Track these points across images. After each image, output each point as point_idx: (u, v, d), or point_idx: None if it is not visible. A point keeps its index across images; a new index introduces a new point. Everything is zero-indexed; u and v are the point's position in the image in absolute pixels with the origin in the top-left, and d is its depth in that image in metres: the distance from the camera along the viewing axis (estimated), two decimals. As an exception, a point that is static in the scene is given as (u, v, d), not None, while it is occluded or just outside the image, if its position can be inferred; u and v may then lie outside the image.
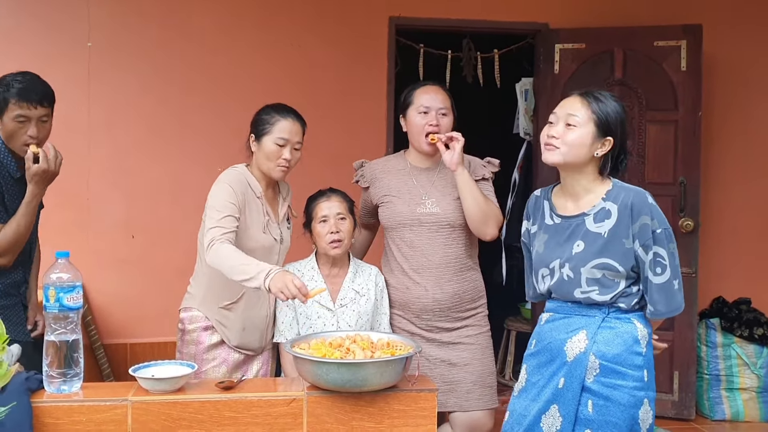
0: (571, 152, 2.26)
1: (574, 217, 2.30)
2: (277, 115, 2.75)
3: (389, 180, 2.99)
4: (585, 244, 2.25)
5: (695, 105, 4.40)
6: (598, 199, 2.28)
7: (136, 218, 4.29)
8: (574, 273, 2.25)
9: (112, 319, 4.28)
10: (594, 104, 2.27)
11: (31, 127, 2.60)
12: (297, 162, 2.80)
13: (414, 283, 2.89)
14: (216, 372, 2.76)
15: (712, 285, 4.62)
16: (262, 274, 2.38)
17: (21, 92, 2.58)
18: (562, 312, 2.32)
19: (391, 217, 2.94)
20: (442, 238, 2.89)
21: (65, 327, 2.13)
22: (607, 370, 2.19)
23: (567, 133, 2.26)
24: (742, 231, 4.79)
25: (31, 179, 2.56)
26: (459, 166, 2.80)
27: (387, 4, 4.52)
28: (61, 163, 2.62)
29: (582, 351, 2.21)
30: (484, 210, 2.82)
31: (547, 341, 2.31)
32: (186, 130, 4.33)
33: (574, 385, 2.20)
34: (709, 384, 4.45)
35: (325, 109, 4.44)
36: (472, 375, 2.91)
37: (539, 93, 4.67)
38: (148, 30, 4.28)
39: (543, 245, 2.35)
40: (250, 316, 2.78)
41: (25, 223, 2.59)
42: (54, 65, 4.16)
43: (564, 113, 2.28)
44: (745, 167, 4.78)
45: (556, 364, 2.26)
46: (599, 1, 4.65)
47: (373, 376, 2.14)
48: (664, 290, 2.21)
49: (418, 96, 2.93)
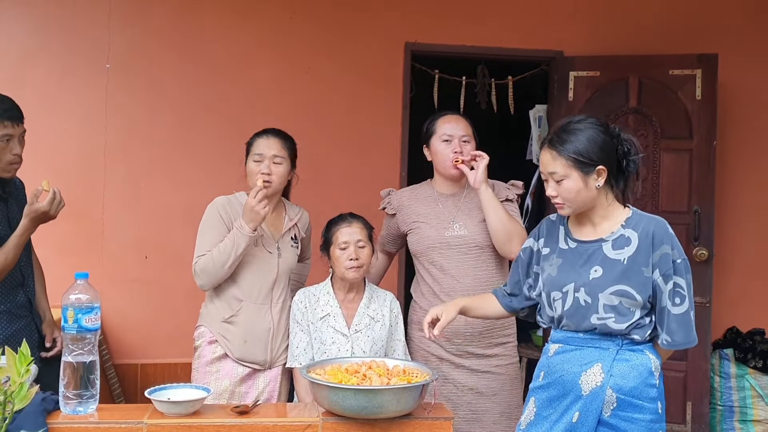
0: (576, 202, 2.26)
1: (591, 243, 2.29)
2: (255, 136, 2.96)
3: (417, 207, 3.03)
4: (603, 270, 2.23)
5: (710, 134, 4.40)
6: (617, 226, 2.27)
7: (150, 239, 4.31)
8: (591, 298, 2.22)
9: (124, 340, 4.28)
10: (562, 150, 2.22)
11: (15, 145, 2.63)
12: (282, 177, 2.88)
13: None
14: (219, 385, 2.82)
15: (726, 315, 4.59)
16: (235, 230, 2.73)
17: (4, 112, 2.59)
18: (573, 344, 2.28)
19: (420, 241, 2.97)
20: (472, 260, 2.91)
21: (83, 348, 2.13)
22: (625, 403, 2.17)
23: (560, 189, 2.25)
24: (756, 261, 4.76)
25: (29, 215, 2.57)
26: (483, 183, 2.83)
27: (403, 30, 4.55)
28: (61, 209, 2.63)
29: (598, 385, 2.19)
30: (508, 228, 2.83)
31: (559, 374, 2.27)
32: (200, 154, 4.35)
33: (590, 419, 2.18)
34: (723, 415, 4.40)
35: (339, 134, 4.47)
36: (500, 406, 2.90)
37: (553, 120, 4.67)
38: (166, 55, 4.32)
39: (556, 269, 2.33)
40: (251, 329, 2.84)
41: (14, 255, 2.60)
42: (73, 86, 4.23)
43: (546, 172, 2.27)
44: (759, 197, 4.76)
45: (569, 399, 2.23)
46: (614, 29, 4.67)
47: (390, 402, 2.13)
48: (683, 321, 2.20)
49: (440, 125, 2.99)
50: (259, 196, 2.73)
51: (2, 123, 2.58)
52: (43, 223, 2.63)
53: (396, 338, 2.91)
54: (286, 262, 2.93)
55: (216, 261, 2.77)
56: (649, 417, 2.17)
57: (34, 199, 2.56)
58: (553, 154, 2.23)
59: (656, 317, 2.23)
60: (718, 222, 4.54)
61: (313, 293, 2.87)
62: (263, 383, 2.87)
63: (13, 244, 2.59)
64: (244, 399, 2.82)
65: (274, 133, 2.94)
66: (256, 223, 2.75)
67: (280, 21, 4.43)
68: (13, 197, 2.77)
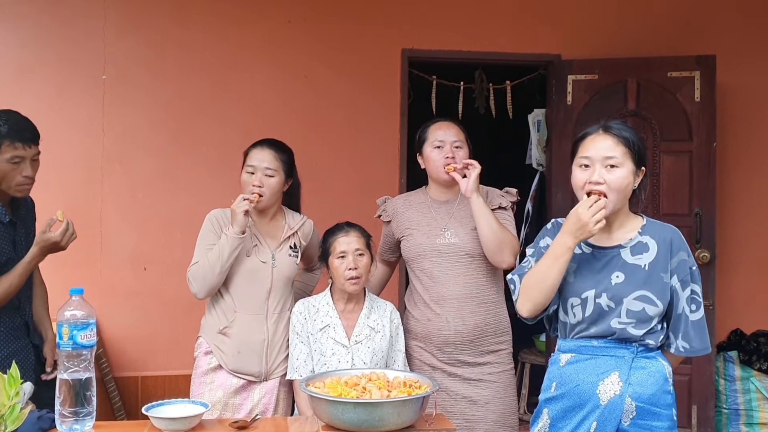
0: (619, 194, 2.21)
1: (610, 249, 2.26)
2: (250, 148, 2.97)
3: (410, 214, 3.02)
4: (625, 276, 2.21)
5: (709, 135, 4.39)
6: (634, 233, 2.26)
7: (148, 251, 4.29)
8: (615, 303, 2.19)
9: (124, 352, 4.26)
10: (625, 138, 2.22)
11: (26, 167, 2.60)
12: (273, 189, 2.89)
13: (435, 314, 2.88)
14: (212, 395, 2.81)
15: (729, 317, 4.57)
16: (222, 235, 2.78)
17: (13, 133, 2.56)
18: (588, 353, 2.25)
19: (412, 248, 2.96)
20: (462, 268, 2.89)
21: (78, 365, 2.10)
22: (644, 411, 2.15)
23: (610, 176, 2.19)
24: (758, 262, 4.74)
25: (39, 244, 2.56)
26: (474, 192, 2.81)
27: (400, 36, 4.54)
28: (72, 241, 2.63)
29: (617, 394, 2.16)
30: (499, 237, 2.81)
31: (574, 384, 2.23)
32: (198, 164, 4.34)
33: (608, 429, 2.15)
34: (729, 418, 4.37)
35: (337, 141, 4.46)
36: (494, 414, 2.87)
37: (552, 124, 4.66)
38: (162, 65, 4.32)
39: (573, 274, 2.27)
40: (245, 340, 2.84)
41: (18, 282, 2.60)
42: (70, 98, 4.22)
43: (599, 156, 2.21)
44: (760, 198, 4.74)
45: (586, 409, 2.19)
46: (611, 32, 4.65)
47: (390, 415, 2.10)
48: (699, 327, 2.21)
49: (432, 132, 2.99)
50: (242, 202, 2.78)
51: (13, 145, 2.56)
52: (52, 253, 2.62)
53: (396, 349, 2.88)
54: (281, 271, 2.91)
55: (206, 267, 2.80)
56: (666, 424, 2.16)
57: (47, 228, 2.55)
58: (615, 140, 2.21)
59: (671, 324, 2.22)
60: (720, 224, 4.52)
61: (312, 304, 2.84)
62: (258, 395, 2.85)
63: (20, 272, 2.59)
64: (238, 411, 2.81)
65: (269, 144, 2.94)
66: (239, 225, 2.76)
67: (277, 29, 4.42)
68: (22, 219, 2.75)
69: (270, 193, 2.88)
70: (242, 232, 2.78)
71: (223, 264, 2.78)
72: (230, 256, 2.79)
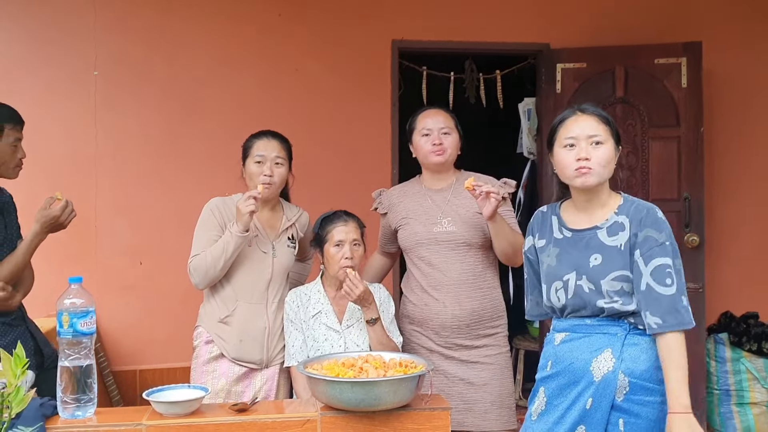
0: (605, 171, 2.29)
1: (587, 230, 2.31)
2: (253, 138, 2.97)
3: (406, 203, 3.06)
4: (603, 257, 2.25)
5: (697, 121, 4.44)
6: (611, 213, 2.30)
7: (144, 245, 4.31)
8: (594, 285, 2.24)
9: (121, 346, 4.28)
10: (605, 117, 2.32)
11: (21, 150, 2.70)
12: (283, 179, 2.93)
13: (433, 299, 2.93)
14: (215, 384, 2.84)
15: (719, 300, 4.62)
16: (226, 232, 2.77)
17: (13, 117, 2.67)
18: (581, 331, 2.29)
19: (409, 237, 3.00)
20: (459, 256, 2.93)
21: (79, 352, 2.14)
22: (637, 387, 2.19)
23: (596, 153, 2.27)
24: (747, 245, 4.79)
25: (40, 220, 2.60)
26: (494, 217, 2.79)
27: (389, 27, 4.56)
28: (72, 219, 2.68)
29: (610, 370, 2.20)
30: (515, 247, 2.87)
31: (568, 362, 2.27)
32: (191, 158, 4.36)
33: (603, 404, 2.19)
34: (720, 399, 4.43)
35: (329, 133, 4.48)
36: (491, 395, 2.92)
37: (542, 112, 4.70)
38: (153, 60, 4.33)
39: (555, 258, 2.34)
40: (247, 328, 2.87)
41: (24, 261, 2.65)
42: (61, 94, 4.23)
43: (584, 134, 2.28)
44: (748, 181, 4.79)
45: (581, 385, 2.23)
46: (599, 21, 4.69)
47: (387, 394, 2.14)
48: (671, 301, 2.15)
49: (420, 120, 3.05)
50: (249, 201, 2.75)
51: (15, 127, 2.66)
52: (53, 232, 2.66)
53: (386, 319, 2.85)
54: (281, 262, 2.95)
55: (208, 261, 2.81)
56: (660, 399, 2.18)
57: (46, 205, 2.61)
58: (597, 119, 2.31)
59: (639, 302, 2.19)
60: (709, 208, 4.57)
61: (304, 292, 2.88)
62: (260, 382, 2.89)
63: (23, 251, 2.64)
64: (240, 398, 2.83)
65: (273, 135, 2.97)
66: (243, 224, 2.76)
67: (267, 22, 4.44)
68: (4, 209, 2.78)
69: (280, 182, 2.91)
70: (246, 230, 2.79)
71: (226, 260, 2.80)
72: (234, 253, 2.80)
